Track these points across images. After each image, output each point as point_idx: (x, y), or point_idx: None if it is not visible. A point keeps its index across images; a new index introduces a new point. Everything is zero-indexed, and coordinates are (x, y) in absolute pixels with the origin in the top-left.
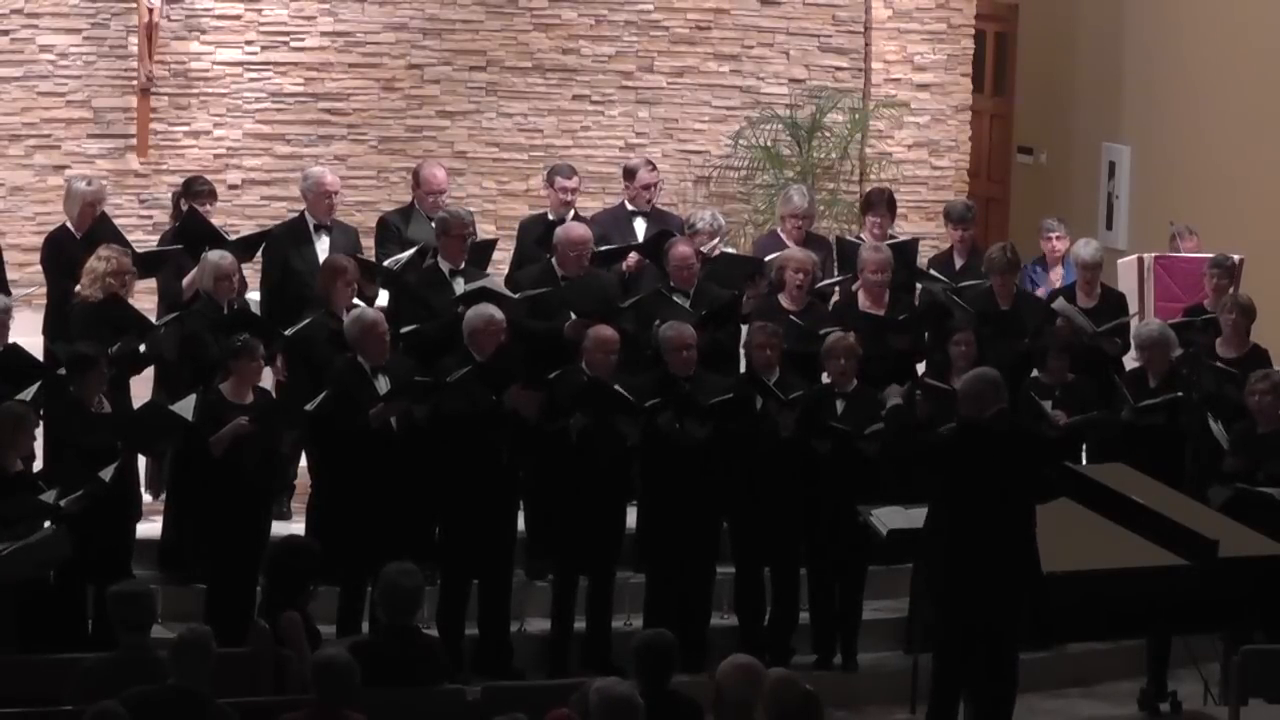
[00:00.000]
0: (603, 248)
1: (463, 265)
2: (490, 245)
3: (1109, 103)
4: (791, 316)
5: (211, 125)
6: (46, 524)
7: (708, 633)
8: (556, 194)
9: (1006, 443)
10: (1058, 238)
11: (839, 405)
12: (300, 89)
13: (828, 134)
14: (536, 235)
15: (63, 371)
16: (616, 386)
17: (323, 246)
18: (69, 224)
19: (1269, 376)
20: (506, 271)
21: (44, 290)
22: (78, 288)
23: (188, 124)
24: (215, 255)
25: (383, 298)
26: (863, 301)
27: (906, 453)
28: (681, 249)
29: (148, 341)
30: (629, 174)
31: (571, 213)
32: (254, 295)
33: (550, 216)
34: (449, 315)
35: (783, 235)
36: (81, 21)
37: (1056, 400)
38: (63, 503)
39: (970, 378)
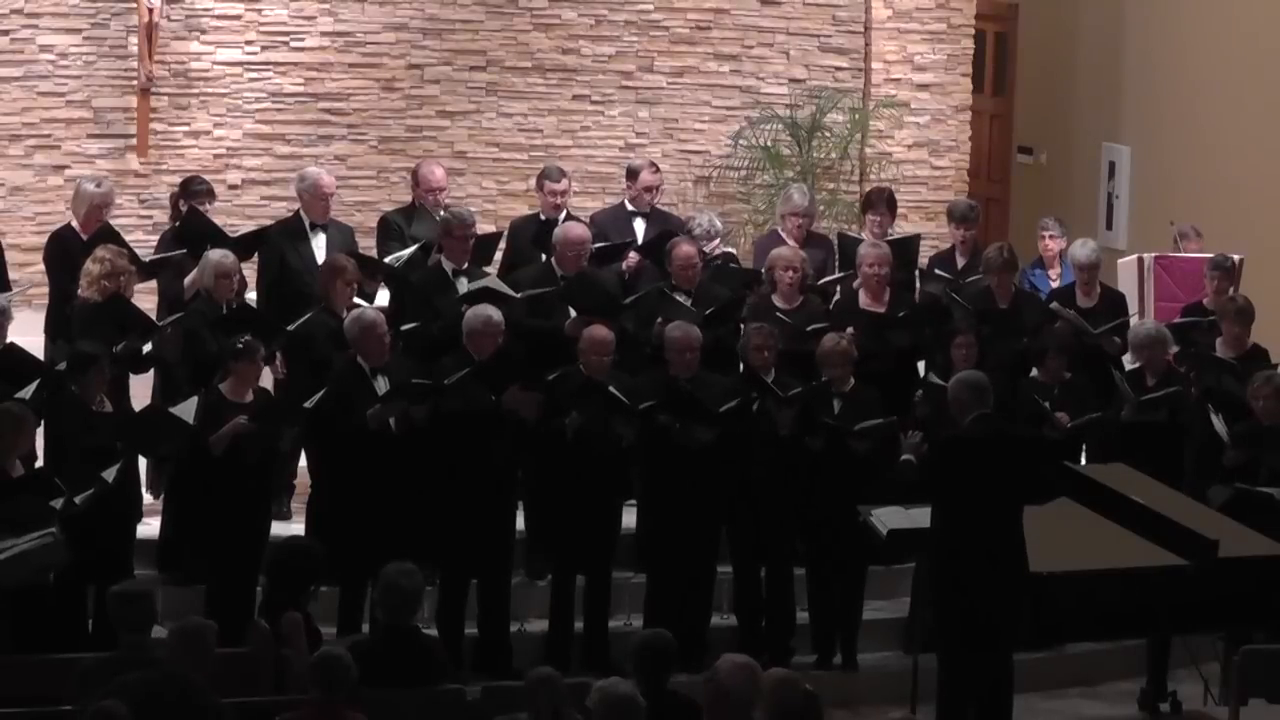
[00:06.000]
0: (600, 244)
1: (465, 265)
2: (495, 239)
3: (1109, 103)
4: (780, 314)
5: (211, 125)
6: (47, 529)
7: (708, 633)
8: (546, 197)
9: (984, 449)
10: (1051, 237)
11: (836, 404)
12: (300, 89)
13: (828, 134)
14: (529, 236)
15: (63, 367)
16: (611, 388)
17: (319, 244)
18: (74, 224)
19: (1271, 380)
20: (497, 272)
21: (45, 289)
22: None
23: (188, 124)
24: (217, 254)
25: (383, 296)
26: (863, 299)
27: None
28: (685, 249)
29: (152, 342)
30: (631, 174)
31: (563, 214)
32: (251, 295)
33: (542, 218)
34: (452, 315)
35: (783, 234)
36: (81, 21)
37: (1055, 400)
38: (77, 499)
39: (953, 382)
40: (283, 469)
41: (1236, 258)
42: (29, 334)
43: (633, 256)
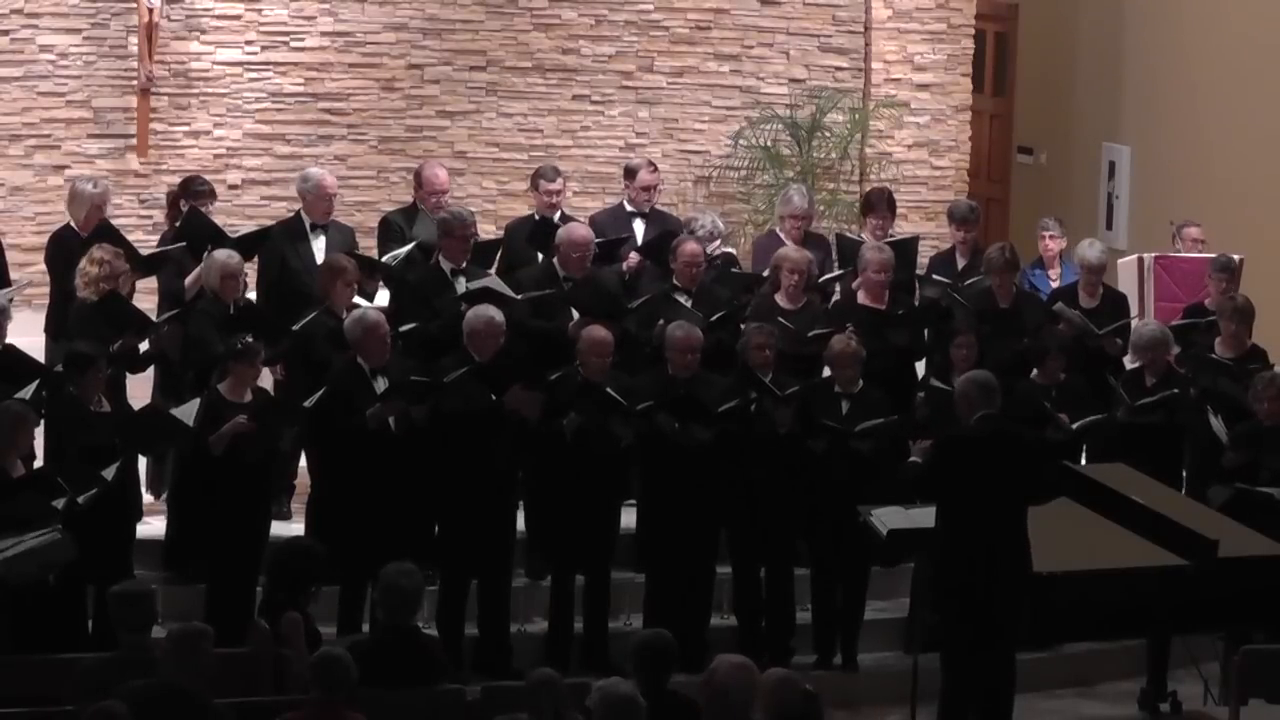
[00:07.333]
0: (599, 239)
1: (464, 265)
2: (495, 245)
3: (1109, 103)
4: (782, 316)
5: (211, 125)
6: (50, 527)
7: (707, 633)
8: (541, 196)
9: (987, 447)
10: (1051, 237)
11: (844, 405)
12: (300, 89)
13: (828, 134)
14: (526, 235)
15: (60, 369)
16: (609, 390)
17: (319, 245)
18: (74, 224)
19: (1274, 382)
20: (495, 273)
21: (46, 289)
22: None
23: (188, 124)
24: (222, 254)
25: (383, 296)
26: (862, 299)
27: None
28: (690, 247)
29: (150, 339)
30: (629, 174)
31: (558, 214)
32: (250, 295)
33: (537, 217)
34: (451, 315)
35: (782, 235)
36: (81, 21)
37: (1052, 401)
38: (80, 499)
39: (962, 380)
40: (283, 469)
41: (1237, 258)
42: (29, 334)
43: (633, 257)
